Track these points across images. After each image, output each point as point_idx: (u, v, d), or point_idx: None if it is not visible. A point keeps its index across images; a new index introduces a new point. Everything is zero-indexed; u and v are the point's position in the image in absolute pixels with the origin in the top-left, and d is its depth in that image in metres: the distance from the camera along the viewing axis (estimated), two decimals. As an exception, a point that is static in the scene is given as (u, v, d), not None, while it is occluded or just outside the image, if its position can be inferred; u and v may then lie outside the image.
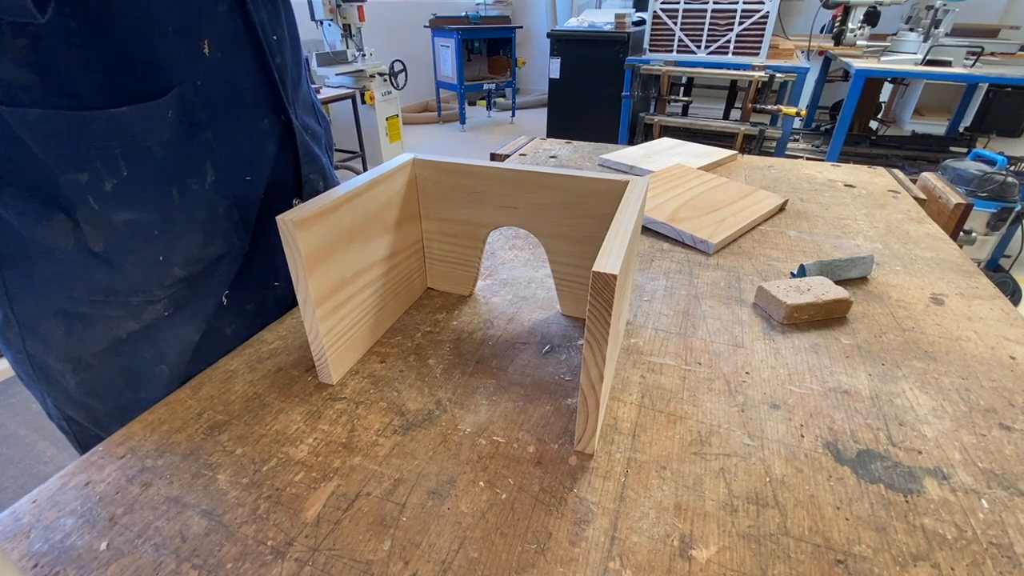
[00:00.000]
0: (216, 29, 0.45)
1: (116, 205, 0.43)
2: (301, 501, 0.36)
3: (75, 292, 0.45)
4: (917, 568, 0.32)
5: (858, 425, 0.43)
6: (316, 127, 0.61)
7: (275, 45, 0.51)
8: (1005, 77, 2.35)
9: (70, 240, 0.43)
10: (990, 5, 3.34)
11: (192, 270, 0.49)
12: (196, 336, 0.52)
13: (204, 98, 0.46)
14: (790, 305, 0.55)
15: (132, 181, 0.43)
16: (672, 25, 2.88)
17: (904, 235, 0.77)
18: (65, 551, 0.33)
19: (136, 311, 0.48)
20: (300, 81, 0.58)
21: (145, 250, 0.46)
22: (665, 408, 0.45)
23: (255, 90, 0.50)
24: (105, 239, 0.44)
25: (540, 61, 5.35)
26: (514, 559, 0.32)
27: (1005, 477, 0.38)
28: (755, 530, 0.34)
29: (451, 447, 0.41)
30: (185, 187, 0.46)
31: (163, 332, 0.50)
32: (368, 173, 0.48)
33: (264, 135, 0.53)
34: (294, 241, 0.39)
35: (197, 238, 0.48)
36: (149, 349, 0.50)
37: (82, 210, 0.42)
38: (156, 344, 0.50)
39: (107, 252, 0.44)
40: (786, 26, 3.48)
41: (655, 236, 0.77)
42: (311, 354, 0.47)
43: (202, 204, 0.48)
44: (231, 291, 0.53)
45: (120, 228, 0.44)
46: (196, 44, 0.44)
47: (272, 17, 0.51)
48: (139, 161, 0.43)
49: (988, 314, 0.58)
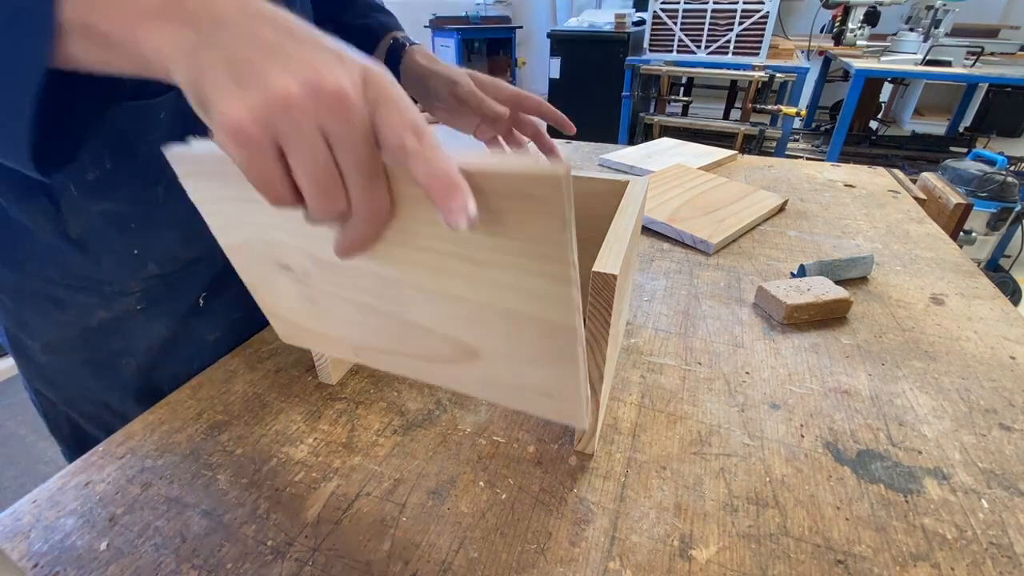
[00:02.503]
0: None
1: (95, 195, 0.43)
2: (301, 501, 0.36)
3: (51, 274, 0.46)
4: (917, 568, 0.32)
5: (858, 425, 0.43)
6: None
7: None
8: (1005, 77, 2.35)
9: (49, 223, 0.43)
10: (990, 5, 3.34)
11: (167, 268, 0.49)
12: (167, 334, 0.52)
13: None
14: (790, 305, 0.55)
15: (115, 175, 0.43)
16: (672, 25, 2.88)
17: (904, 235, 0.77)
18: (65, 551, 0.33)
19: (108, 300, 0.48)
20: None
21: (120, 241, 0.46)
22: (665, 408, 0.45)
23: None
24: (83, 226, 0.44)
25: (540, 61, 5.35)
26: (514, 559, 0.32)
27: (1005, 477, 0.38)
28: (755, 530, 0.34)
29: (451, 447, 0.41)
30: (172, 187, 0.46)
31: (134, 325, 0.50)
32: None
33: None
34: None
35: (175, 237, 0.48)
36: (118, 340, 0.50)
37: (63, 196, 0.42)
38: (125, 336, 0.50)
39: (83, 239, 0.45)
40: (786, 26, 3.48)
41: (655, 236, 0.77)
42: (311, 354, 0.47)
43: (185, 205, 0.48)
44: (212, 297, 0.53)
45: (97, 217, 0.44)
46: None
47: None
48: (124, 157, 0.43)
49: (988, 314, 0.58)
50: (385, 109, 0.22)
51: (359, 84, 0.22)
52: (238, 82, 0.21)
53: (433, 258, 0.28)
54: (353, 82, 0.21)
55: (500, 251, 0.26)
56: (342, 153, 0.22)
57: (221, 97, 0.21)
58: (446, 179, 0.22)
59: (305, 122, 0.21)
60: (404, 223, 0.27)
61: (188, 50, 0.21)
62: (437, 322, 0.33)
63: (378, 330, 0.37)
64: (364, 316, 0.36)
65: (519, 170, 0.23)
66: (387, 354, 0.39)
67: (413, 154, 0.22)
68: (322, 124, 0.21)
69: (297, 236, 0.33)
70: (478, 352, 0.33)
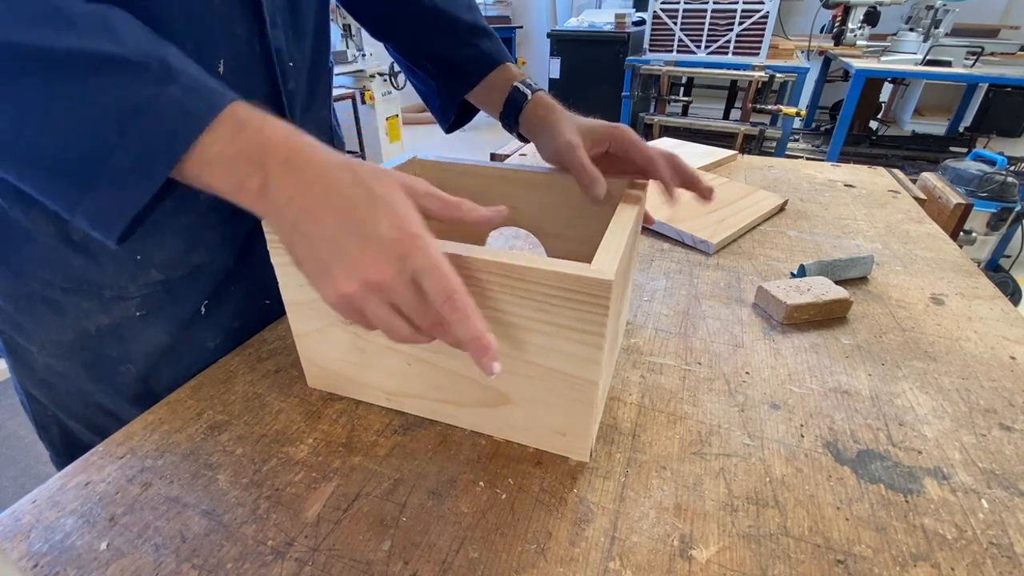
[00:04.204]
0: (233, 51, 0.46)
1: None
2: (301, 501, 0.36)
3: (49, 277, 0.46)
4: (917, 568, 0.32)
5: (858, 425, 0.43)
6: None
7: (290, 71, 0.50)
8: (1005, 77, 2.35)
9: (51, 226, 0.43)
10: (990, 5, 3.34)
11: (170, 274, 0.49)
12: (168, 341, 0.52)
13: None
14: (790, 305, 0.55)
15: None
16: (672, 25, 2.88)
17: (904, 235, 0.77)
18: (65, 551, 0.33)
19: (108, 305, 0.48)
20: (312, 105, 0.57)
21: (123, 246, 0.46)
22: (665, 408, 0.45)
23: None
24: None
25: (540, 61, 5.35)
26: (514, 559, 0.32)
27: (1005, 477, 0.38)
28: (755, 530, 0.34)
29: (451, 447, 0.41)
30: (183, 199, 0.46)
31: (133, 331, 0.50)
32: None
33: None
34: None
35: (179, 244, 0.48)
36: (116, 346, 0.50)
37: None
38: (124, 342, 0.50)
39: (85, 242, 0.44)
40: (786, 26, 3.47)
41: (655, 236, 0.77)
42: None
43: (190, 212, 0.48)
44: (214, 305, 0.53)
45: None
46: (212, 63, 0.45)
47: (292, 44, 0.50)
48: None
49: (988, 314, 0.58)
50: (423, 279, 0.29)
51: (396, 263, 0.29)
52: (325, 276, 0.30)
53: (494, 324, 0.35)
54: (391, 264, 0.29)
55: (551, 324, 0.33)
56: (403, 308, 0.30)
57: (317, 285, 0.31)
58: (476, 344, 0.29)
59: (368, 302, 0.30)
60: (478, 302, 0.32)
61: (285, 231, 0.31)
62: (480, 374, 0.36)
63: (419, 378, 0.41)
64: (411, 366, 0.41)
65: (576, 273, 0.31)
66: (419, 399, 0.43)
67: (449, 323, 0.29)
68: (383, 299, 0.30)
69: None
70: (510, 398, 0.39)
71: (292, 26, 0.50)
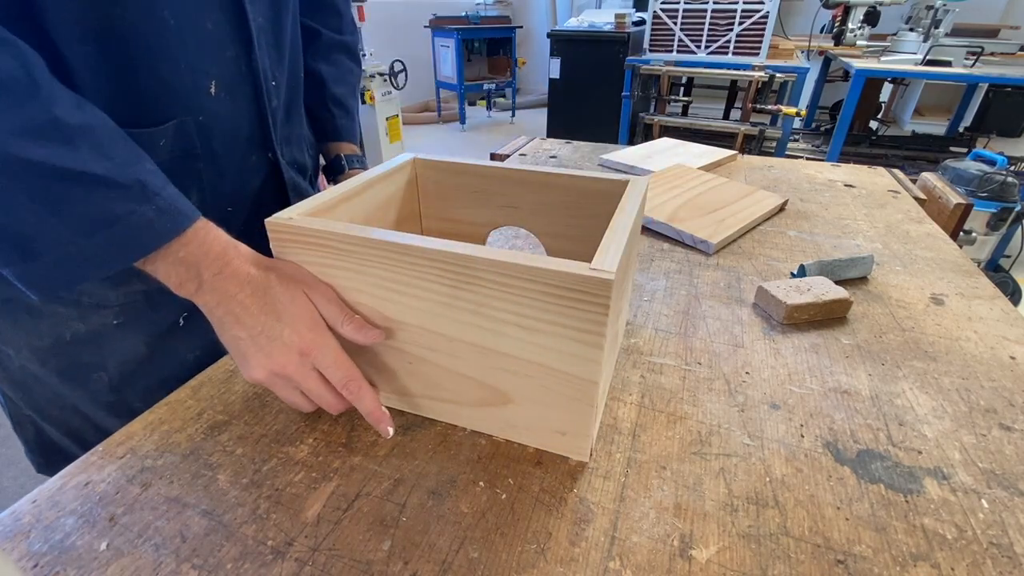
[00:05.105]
0: (223, 71, 0.48)
1: None
2: (301, 501, 0.36)
3: None
4: (917, 568, 0.32)
5: (858, 425, 0.43)
6: (304, 160, 0.66)
7: (272, 90, 0.54)
8: (1005, 77, 2.35)
9: None
10: (990, 5, 3.34)
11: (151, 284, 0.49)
12: (144, 351, 0.52)
13: (203, 133, 0.48)
14: (790, 305, 0.55)
15: None
16: (672, 25, 2.88)
17: (904, 235, 0.77)
18: (65, 551, 0.33)
19: (85, 313, 0.49)
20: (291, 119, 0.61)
21: None
22: (665, 408, 0.45)
23: (249, 129, 0.53)
24: None
25: (540, 61, 5.35)
26: (514, 559, 0.32)
27: (1005, 477, 0.38)
28: (755, 530, 0.34)
29: (451, 447, 0.41)
30: None
31: (109, 340, 0.50)
32: (366, 173, 0.48)
33: (251, 170, 0.56)
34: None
35: None
36: (91, 353, 0.50)
37: None
38: (100, 350, 0.51)
39: None
40: (786, 26, 3.47)
41: (655, 236, 0.77)
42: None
43: None
44: (193, 317, 0.53)
45: None
46: (204, 83, 0.47)
47: (275, 64, 0.54)
48: None
49: (988, 314, 0.58)
50: (324, 371, 0.39)
51: (298, 357, 0.38)
52: (243, 361, 0.39)
53: (495, 323, 0.35)
54: (292, 360, 0.38)
55: (552, 324, 0.33)
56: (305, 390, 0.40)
57: (239, 365, 0.39)
58: (372, 416, 0.39)
59: (275, 385, 0.39)
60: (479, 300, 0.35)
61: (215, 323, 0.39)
62: (481, 372, 0.39)
63: (421, 377, 0.42)
64: (413, 365, 0.41)
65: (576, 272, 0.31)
66: (420, 398, 0.43)
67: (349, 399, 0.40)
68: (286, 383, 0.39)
69: (375, 299, 0.39)
70: (510, 398, 0.39)
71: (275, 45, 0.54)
